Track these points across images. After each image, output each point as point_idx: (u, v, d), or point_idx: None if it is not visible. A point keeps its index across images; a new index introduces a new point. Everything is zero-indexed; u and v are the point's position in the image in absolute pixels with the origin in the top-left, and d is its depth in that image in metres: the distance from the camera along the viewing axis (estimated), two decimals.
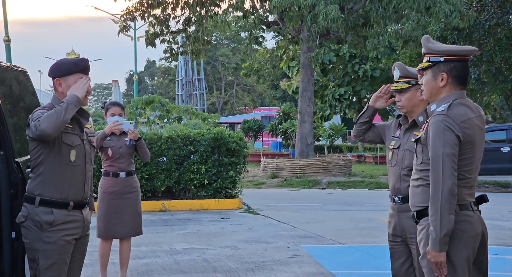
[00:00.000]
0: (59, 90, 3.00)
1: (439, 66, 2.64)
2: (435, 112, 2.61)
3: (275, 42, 24.71)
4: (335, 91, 25.65)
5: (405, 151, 3.14)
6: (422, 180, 2.65)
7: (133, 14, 17.54)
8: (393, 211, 3.16)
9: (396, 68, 3.23)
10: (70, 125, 2.98)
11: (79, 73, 2.98)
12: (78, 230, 3.03)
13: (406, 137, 3.19)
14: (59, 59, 3.12)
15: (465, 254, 2.55)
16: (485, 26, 15.96)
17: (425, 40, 2.74)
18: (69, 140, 2.97)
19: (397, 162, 3.17)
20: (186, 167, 9.87)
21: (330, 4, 14.25)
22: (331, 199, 11.91)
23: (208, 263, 5.80)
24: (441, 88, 2.65)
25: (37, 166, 2.95)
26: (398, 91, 3.19)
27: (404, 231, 3.10)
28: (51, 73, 3.01)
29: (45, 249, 2.92)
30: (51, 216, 2.92)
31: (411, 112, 3.19)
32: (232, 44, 53.45)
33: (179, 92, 46.21)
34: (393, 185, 3.17)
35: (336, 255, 6.26)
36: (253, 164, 18.77)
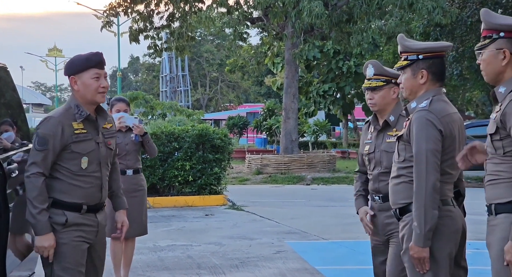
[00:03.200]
0: (75, 88, 2.86)
1: (418, 63, 2.65)
2: (417, 108, 2.62)
3: (259, 38, 24.70)
4: (319, 87, 25.71)
5: (381, 152, 3.12)
6: (404, 176, 2.66)
7: (116, 10, 17.41)
8: (374, 210, 3.17)
9: (370, 65, 3.20)
10: (84, 130, 2.83)
11: (93, 68, 2.84)
12: (92, 234, 2.88)
13: (380, 139, 3.16)
14: (73, 56, 2.98)
15: (447, 250, 2.58)
16: (467, 23, 16.10)
17: (401, 39, 2.74)
18: (80, 148, 2.82)
19: (375, 165, 3.15)
20: (171, 164, 9.84)
21: (314, 0, 14.28)
22: (316, 195, 11.96)
23: (193, 260, 5.80)
24: (422, 85, 2.66)
25: (50, 172, 2.83)
26: (372, 89, 3.16)
27: (384, 230, 3.10)
28: (65, 72, 2.90)
29: (58, 251, 2.79)
30: (63, 217, 2.80)
31: (383, 110, 3.17)
32: (217, 40, 53.32)
33: (163, 89, 45.99)
34: (372, 185, 3.17)
35: (320, 251, 6.30)
36: (238, 160, 18.77)
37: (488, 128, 2.36)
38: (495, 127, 2.29)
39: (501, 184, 2.30)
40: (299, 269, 5.37)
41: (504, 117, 2.25)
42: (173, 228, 7.73)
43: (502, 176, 2.30)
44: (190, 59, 48.52)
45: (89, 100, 2.86)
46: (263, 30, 21.01)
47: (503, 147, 2.29)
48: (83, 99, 2.86)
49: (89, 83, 2.83)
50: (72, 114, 2.84)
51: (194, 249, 6.31)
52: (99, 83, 2.84)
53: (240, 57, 23.45)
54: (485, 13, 2.39)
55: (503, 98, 2.30)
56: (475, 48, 2.43)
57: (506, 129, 2.26)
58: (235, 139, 30.26)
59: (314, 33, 16.35)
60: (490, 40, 2.34)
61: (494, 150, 2.33)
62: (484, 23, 2.38)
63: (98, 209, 2.90)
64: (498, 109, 2.31)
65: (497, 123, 2.28)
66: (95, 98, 2.85)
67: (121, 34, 24.86)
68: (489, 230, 2.35)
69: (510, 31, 2.31)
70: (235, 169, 16.13)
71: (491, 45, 2.34)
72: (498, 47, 2.32)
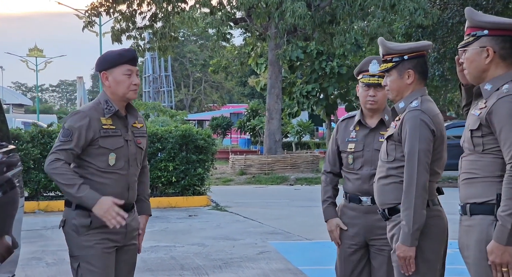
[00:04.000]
0: (106, 84, 2.79)
1: (403, 64, 2.65)
2: (409, 108, 2.61)
3: (243, 39, 24.70)
4: (302, 88, 25.78)
5: (373, 151, 3.03)
6: (394, 177, 2.65)
7: (98, 10, 17.28)
8: (357, 213, 3.07)
9: (375, 61, 3.06)
10: (113, 126, 2.75)
11: (126, 64, 2.76)
12: (119, 236, 2.75)
13: (371, 137, 3.07)
14: (105, 52, 2.91)
15: (439, 249, 2.59)
16: (448, 24, 16.26)
17: (382, 41, 2.73)
18: (108, 143, 2.73)
19: (363, 164, 3.06)
20: (154, 165, 9.80)
21: (297, 1, 14.32)
22: (299, 195, 11.98)
23: (176, 261, 5.78)
24: (409, 85, 2.66)
25: (76, 168, 2.74)
26: (376, 86, 3.03)
27: (371, 232, 3.04)
28: (97, 68, 2.82)
29: (84, 254, 2.69)
30: (87, 219, 2.69)
31: (379, 109, 3.08)
32: (200, 40, 53.20)
33: (146, 89, 45.77)
34: (360, 186, 3.06)
35: (303, 251, 6.31)
36: (221, 161, 18.74)
37: (469, 124, 2.35)
38: (478, 123, 2.29)
39: (477, 183, 2.30)
40: (282, 270, 5.38)
41: (490, 116, 2.25)
42: (156, 229, 7.69)
43: (479, 174, 2.30)
44: (173, 60, 48.35)
45: (120, 96, 2.78)
46: (246, 31, 21.01)
47: (483, 144, 2.29)
48: (113, 95, 2.78)
49: (121, 79, 2.76)
50: (101, 109, 2.75)
51: (178, 250, 6.28)
52: (131, 80, 2.77)
53: (224, 57, 23.41)
54: (469, 11, 2.38)
55: (488, 96, 2.30)
56: (459, 46, 2.42)
57: (490, 127, 2.26)
58: (219, 140, 30.21)
59: (297, 34, 16.40)
60: (474, 38, 2.33)
61: (473, 146, 2.32)
62: (468, 21, 2.37)
63: (126, 210, 2.75)
64: (483, 106, 2.30)
65: (481, 120, 2.28)
66: (126, 95, 2.78)
67: (103, 34, 24.67)
68: (463, 231, 2.35)
69: (494, 29, 2.31)
70: (218, 169, 16.11)
71: (474, 43, 2.33)
72: (482, 45, 2.32)
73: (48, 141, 9.42)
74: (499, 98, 2.25)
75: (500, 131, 2.23)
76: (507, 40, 2.31)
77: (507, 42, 2.31)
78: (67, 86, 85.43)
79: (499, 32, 2.31)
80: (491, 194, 2.26)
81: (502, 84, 2.30)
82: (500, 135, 2.23)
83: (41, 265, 5.60)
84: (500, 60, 2.32)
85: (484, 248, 2.23)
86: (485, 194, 2.28)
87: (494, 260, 2.19)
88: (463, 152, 2.42)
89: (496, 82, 2.31)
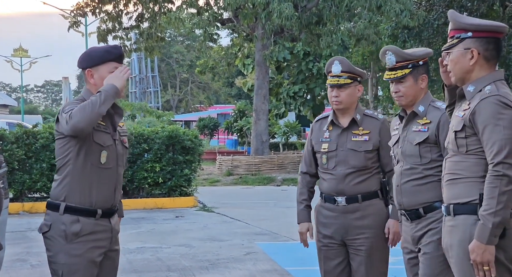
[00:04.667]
0: (91, 82, 2.68)
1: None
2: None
3: (230, 39, 24.68)
4: (289, 89, 25.82)
5: (347, 151, 3.06)
6: (431, 176, 2.71)
7: (84, 10, 17.17)
8: (334, 213, 3.08)
9: (336, 62, 3.05)
10: (103, 123, 2.66)
11: (113, 61, 2.66)
12: (106, 241, 2.70)
13: (344, 137, 3.09)
14: (88, 48, 2.82)
15: None
16: (434, 25, 16.38)
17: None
18: (101, 139, 2.65)
19: (337, 164, 3.07)
20: (140, 165, 9.75)
21: (284, 2, 14.35)
22: (286, 196, 11.99)
23: (162, 262, 5.75)
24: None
25: (63, 167, 2.64)
26: (338, 86, 3.03)
27: (348, 232, 3.05)
28: (80, 64, 2.71)
29: (70, 263, 2.60)
30: (77, 225, 2.61)
31: (347, 109, 3.09)
32: (187, 41, 53.06)
33: (132, 90, 45.56)
34: (335, 186, 3.06)
35: (290, 252, 6.31)
36: (208, 161, 18.69)
37: (453, 125, 2.37)
38: (461, 125, 2.31)
39: (461, 184, 2.32)
40: (269, 270, 5.38)
41: (473, 117, 2.27)
42: (143, 230, 7.65)
43: (462, 175, 2.31)
44: (159, 60, 48.18)
45: None
46: (233, 32, 21.00)
47: (466, 145, 2.31)
48: None
49: None
50: None
51: (164, 251, 6.26)
52: None
53: (211, 58, 23.38)
54: (452, 14, 2.40)
55: (471, 97, 2.32)
56: (443, 48, 2.43)
57: (473, 128, 2.28)
58: (206, 140, 30.14)
59: (284, 35, 16.43)
60: (458, 40, 2.35)
61: (457, 147, 2.34)
62: (452, 23, 2.38)
63: (111, 214, 2.73)
64: (466, 107, 2.32)
65: (465, 121, 2.29)
66: None
67: (89, 35, 24.50)
68: (447, 231, 2.36)
69: (478, 31, 2.32)
70: (205, 170, 16.08)
71: (459, 45, 2.35)
72: (466, 47, 2.33)
73: (33, 142, 9.34)
74: (482, 100, 2.27)
75: (483, 132, 2.25)
76: (490, 42, 2.33)
77: (490, 44, 2.33)
78: (52, 86, 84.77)
79: (482, 34, 2.33)
80: (474, 194, 2.28)
81: (484, 85, 2.32)
82: (483, 136, 2.25)
83: (26, 267, 5.55)
84: (484, 62, 2.34)
85: (467, 247, 2.24)
86: (468, 194, 2.29)
87: (475, 259, 2.20)
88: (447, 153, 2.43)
89: (479, 84, 2.33)
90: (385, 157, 3.06)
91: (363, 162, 3.05)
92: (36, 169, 9.28)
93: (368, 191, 3.05)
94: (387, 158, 3.05)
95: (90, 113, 2.48)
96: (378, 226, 3.04)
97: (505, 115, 2.22)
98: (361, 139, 3.07)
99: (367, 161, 3.05)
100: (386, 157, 3.05)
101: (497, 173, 2.19)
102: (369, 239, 3.03)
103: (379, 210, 3.06)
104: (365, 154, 3.05)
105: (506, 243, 2.23)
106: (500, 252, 2.22)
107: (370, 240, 3.03)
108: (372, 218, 3.04)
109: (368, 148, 3.05)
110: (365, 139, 3.06)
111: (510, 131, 2.21)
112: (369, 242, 3.02)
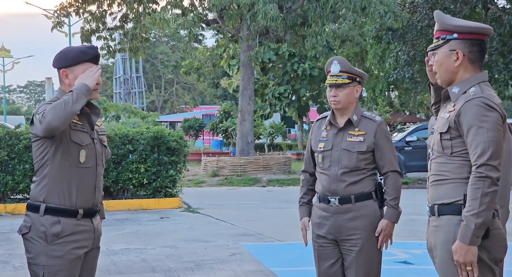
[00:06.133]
0: (65, 82, 2.66)
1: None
2: None
3: (215, 40, 24.66)
4: (275, 90, 25.86)
5: (341, 151, 3.07)
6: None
7: (67, 10, 17.04)
8: (327, 213, 3.09)
9: (335, 62, 3.10)
10: (80, 122, 2.64)
11: (88, 62, 2.65)
12: (88, 241, 2.67)
13: (340, 137, 3.10)
14: (64, 48, 2.78)
15: None
16: (417, 27, 16.53)
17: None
18: (79, 138, 2.62)
19: (331, 163, 3.08)
20: (125, 166, 9.69)
21: (269, 3, 14.37)
22: (271, 197, 12.00)
23: (147, 263, 5.72)
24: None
25: (41, 168, 2.61)
26: (337, 86, 3.08)
27: (341, 232, 3.06)
28: (55, 63, 2.69)
29: (51, 264, 2.57)
30: (58, 226, 2.58)
31: (345, 109, 3.10)
32: (172, 42, 52.90)
33: (117, 90, 45.33)
34: (328, 186, 3.08)
35: (275, 253, 6.32)
36: (193, 162, 18.64)
37: (439, 127, 2.38)
38: (446, 126, 2.32)
39: (446, 185, 2.33)
40: (254, 271, 5.37)
41: (458, 119, 2.28)
42: (127, 231, 7.61)
43: (447, 176, 2.33)
44: (144, 61, 47.98)
45: None
46: (218, 32, 20.98)
47: (451, 146, 2.32)
48: None
49: None
50: None
51: (149, 253, 6.23)
52: None
53: (196, 59, 23.36)
54: (438, 15, 2.41)
55: (456, 99, 2.33)
56: (428, 49, 2.44)
57: (458, 130, 2.29)
58: (191, 141, 30.07)
59: (269, 36, 16.45)
60: (444, 41, 2.36)
61: (442, 149, 2.35)
62: (437, 24, 2.39)
63: (93, 214, 2.70)
64: (451, 109, 2.33)
65: (450, 123, 2.31)
66: None
67: (72, 35, 24.34)
68: (431, 231, 2.37)
69: (463, 33, 2.34)
70: (190, 171, 16.03)
71: (444, 46, 2.36)
72: (451, 48, 2.35)
73: (15, 142, 9.24)
74: (466, 101, 2.29)
75: (467, 134, 2.26)
76: (475, 44, 2.35)
77: (475, 46, 2.35)
78: (35, 87, 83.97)
79: (468, 36, 2.34)
80: (459, 194, 2.29)
81: (469, 87, 2.34)
82: (467, 138, 2.27)
83: (8, 269, 5.49)
84: (468, 63, 2.36)
85: (450, 248, 2.26)
86: (452, 194, 2.31)
87: (458, 259, 2.22)
88: None
89: (463, 85, 2.35)
90: (381, 159, 3.08)
91: (356, 163, 3.05)
92: (19, 170, 9.18)
93: (362, 192, 3.06)
94: (383, 159, 3.07)
95: (63, 111, 2.48)
96: (370, 227, 3.04)
97: (489, 118, 2.24)
98: (356, 140, 3.07)
99: (360, 161, 3.05)
100: (383, 158, 3.07)
101: (480, 174, 2.21)
102: (361, 240, 3.03)
103: (372, 212, 3.06)
104: (358, 154, 3.05)
105: (489, 243, 2.25)
106: (484, 252, 2.24)
107: (362, 241, 3.03)
108: (364, 220, 3.04)
109: (361, 149, 3.06)
110: (360, 139, 3.07)
111: (493, 133, 2.23)
112: (361, 243, 3.03)
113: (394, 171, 3.08)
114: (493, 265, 2.28)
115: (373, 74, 24.00)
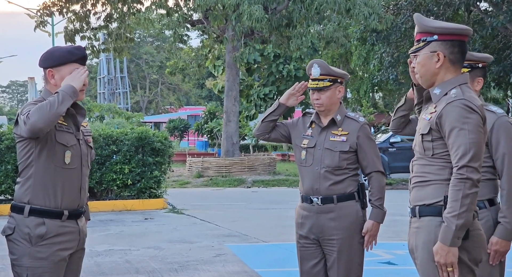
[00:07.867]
0: (51, 82, 2.64)
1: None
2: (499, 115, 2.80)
3: (200, 41, 24.60)
4: (260, 90, 25.88)
5: (324, 150, 3.09)
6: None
7: (51, 9, 16.89)
8: (309, 213, 3.10)
9: (315, 65, 3.12)
10: (65, 123, 2.62)
11: (75, 63, 2.63)
12: (73, 243, 2.65)
13: (323, 136, 3.13)
14: (51, 48, 2.76)
15: None
16: (401, 29, 16.65)
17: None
18: (64, 139, 2.60)
19: (314, 162, 3.10)
20: (109, 167, 9.64)
21: (254, 4, 14.38)
22: (256, 198, 12.01)
23: (131, 264, 5.69)
24: None
25: (26, 169, 2.58)
26: (319, 90, 3.10)
27: (323, 232, 3.07)
28: (42, 63, 2.66)
29: (35, 266, 2.54)
30: (42, 228, 2.55)
31: (328, 110, 3.13)
32: (156, 42, 52.67)
33: (101, 91, 45.00)
34: (311, 186, 3.09)
35: (260, 253, 6.33)
36: (178, 163, 18.60)
37: (420, 128, 2.39)
38: (428, 128, 2.34)
39: (428, 186, 2.35)
40: (239, 272, 5.38)
41: (440, 120, 2.30)
42: (111, 232, 7.57)
43: (429, 177, 2.34)
44: (129, 61, 47.70)
45: None
46: (203, 33, 20.93)
47: (433, 148, 2.34)
48: None
49: None
50: None
51: (133, 254, 6.20)
52: None
53: (181, 59, 23.27)
54: (418, 17, 2.43)
55: (437, 100, 2.35)
56: (410, 51, 2.46)
57: (440, 131, 2.31)
58: (176, 142, 29.96)
59: (254, 37, 16.46)
60: (425, 43, 2.38)
61: (423, 150, 2.37)
62: (418, 26, 2.42)
63: (78, 215, 2.68)
64: (433, 110, 2.35)
65: (432, 124, 2.32)
66: None
67: (56, 34, 24.12)
68: (412, 232, 2.39)
69: (443, 34, 2.36)
70: (175, 172, 15.99)
71: (425, 48, 2.38)
72: (432, 50, 2.36)
73: None
74: (448, 103, 2.31)
75: (449, 135, 2.28)
76: (455, 45, 2.38)
77: (455, 47, 2.37)
78: (18, 87, 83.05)
79: (448, 37, 2.37)
80: (440, 196, 2.31)
81: (450, 88, 2.36)
82: (449, 139, 2.29)
83: None
84: (450, 65, 2.38)
85: (431, 249, 2.27)
86: (433, 195, 2.33)
87: (439, 260, 2.24)
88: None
89: (445, 87, 2.37)
90: (364, 159, 3.10)
91: (337, 162, 3.07)
92: (1, 170, 9.09)
93: (344, 193, 3.07)
94: (366, 160, 3.10)
95: (48, 113, 2.46)
96: (352, 228, 3.06)
97: (470, 120, 2.26)
98: (339, 139, 3.10)
99: (342, 161, 3.08)
100: (365, 159, 3.10)
101: (461, 176, 2.22)
102: (342, 240, 3.05)
103: (354, 212, 3.07)
104: (340, 154, 3.07)
105: (469, 244, 2.27)
106: (464, 253, 2.27)
107: (342, 241, 3.05)
108: (346, 220, 3.06)
109: (344, 149, 3.08)
110: (342, 139, 3.10)
111: (475, 135, 2.25)
112: (341, 243, 3.05)
113: (378, 171, 3.11)
114: (473, 265, 2.31)
115: (357, 76, 24.12)
